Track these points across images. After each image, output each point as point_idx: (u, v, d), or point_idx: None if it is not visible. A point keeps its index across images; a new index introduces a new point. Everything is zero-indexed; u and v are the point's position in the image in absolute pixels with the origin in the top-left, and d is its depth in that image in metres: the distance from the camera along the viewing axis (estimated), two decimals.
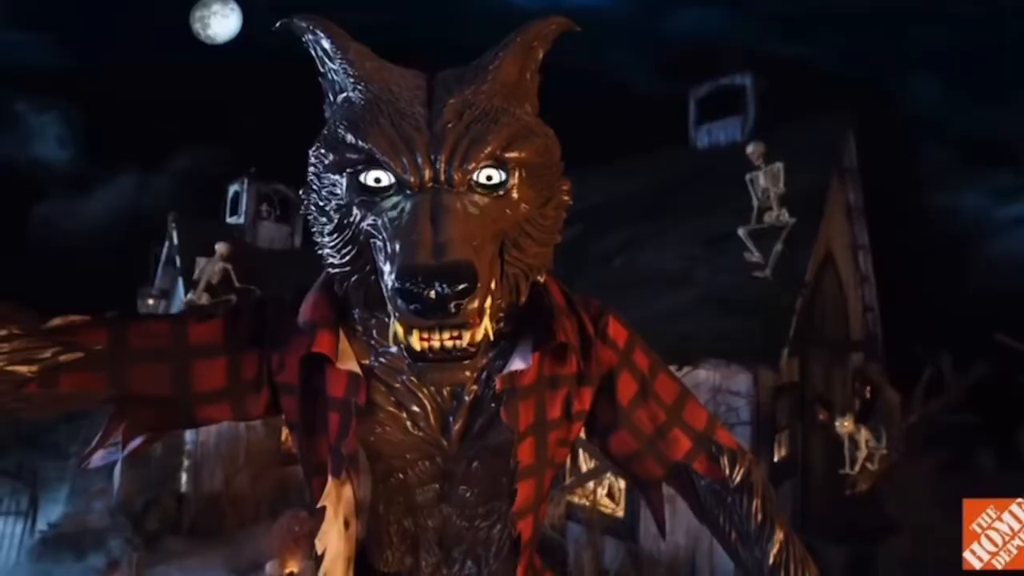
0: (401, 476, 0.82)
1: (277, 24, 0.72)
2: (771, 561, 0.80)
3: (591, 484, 4.91)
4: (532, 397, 0.76)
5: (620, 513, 4.87)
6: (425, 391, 0.77)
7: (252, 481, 5.85)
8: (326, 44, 0.70)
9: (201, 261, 6.71)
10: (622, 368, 0.84)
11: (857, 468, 4.11)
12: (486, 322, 0.62)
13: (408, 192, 0.62)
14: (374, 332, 0.75)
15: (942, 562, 3.33)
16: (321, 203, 0.69)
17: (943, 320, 8.34)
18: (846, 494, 4.28)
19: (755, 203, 5.02)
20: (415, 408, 0.77)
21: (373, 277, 0.65)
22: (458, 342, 0.60)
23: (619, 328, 0.85)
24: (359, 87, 0.67)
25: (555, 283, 0.82)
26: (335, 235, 0.68)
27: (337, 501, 0.77)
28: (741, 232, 4.93)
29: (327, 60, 0.70)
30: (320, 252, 0.71)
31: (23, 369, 0.66)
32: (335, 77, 0.70)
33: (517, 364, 0.75)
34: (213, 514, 5.55)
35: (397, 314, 0.58)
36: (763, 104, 7.08)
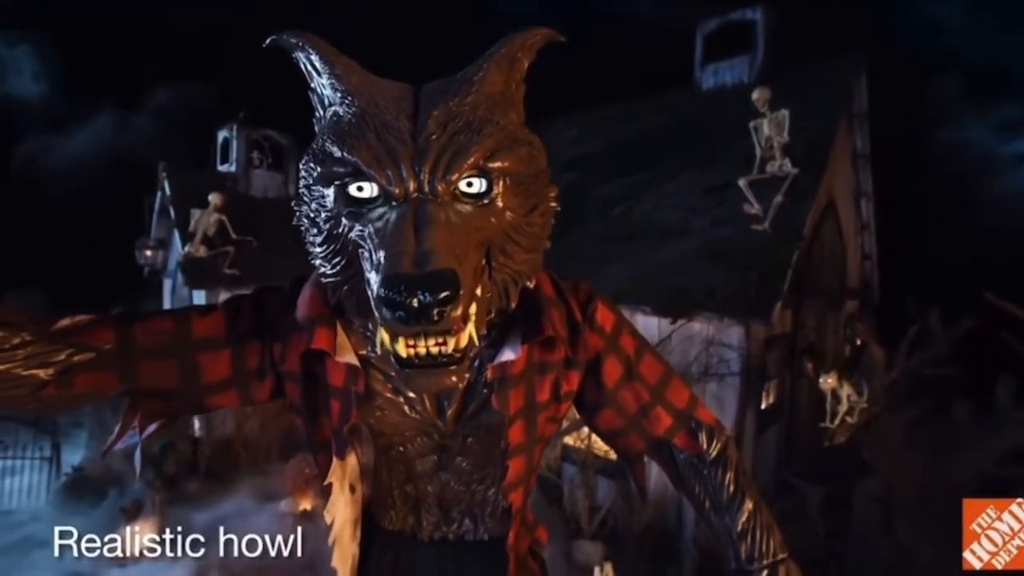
0: (401, 449, 0.88)
1: (267, 41, 0.72)
2: (739, 528, 0.86)
3: (585, 429, 5.13)
4: (522, 384, 0.80)
5: (612, 455, 5.12)
6: None
7: (262, 426, 6.10)
8: (315, 59, 0.70)
9: (196, 212, 6.63)
10: (608, 352, 0.87)
11: (837, 422, 4.29)
12: (471, 328, 0.63)
13: (393, 203, 0.64)
14: (369, 325, 0.78)
15: (911, 500, 3.57)
16: (312, 215, 0.71)
17: (941, 265, 8.34)
18: (824, 446, 4.48)
19: (758, 152, 4.89)
20: (411, 394, 0.82)
21: (363, 286, 0.66)
22: (443, 348, 0.62)
23: (607, 313, 0.88)
24: (346, 100, 0.68)
25: (544, 273, 0.84)
26: (325, 246, 0.70)
27: (343, 476, 0.84)
28: (742, 183, 4.84)
29: (316, 75, 0.71)
30: (313, 261, 0.73)
31: (40, 373, 0.69)
32: (323, 91, 0.70)
33: (507, 355, 0.78)
34: (227, 457, 5.83)
35: (382, 321, 0.60)
36: (773, 40, 6.71)
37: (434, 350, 0.62)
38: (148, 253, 7.66)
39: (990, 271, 7.57)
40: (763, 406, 4.71)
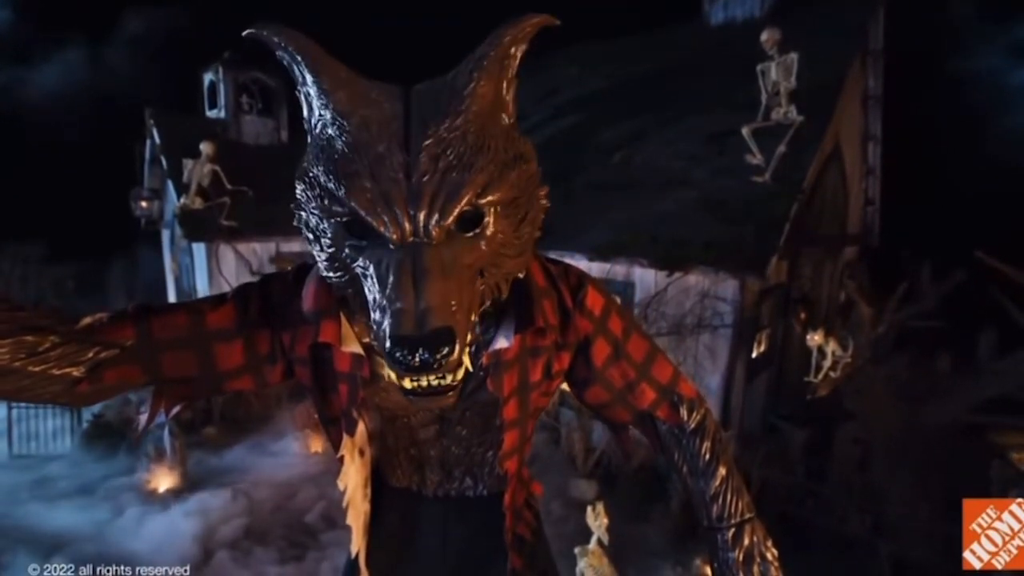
0: (405, 420, 0.96)
1: (244, 33, 0.71)
2: (712, 491, 0.96)
3: None
4: (515, 367, 0.86)
5: None
6: None
7: None
8: (300, 68, 0.69)
9: (188, 162, 6.50)
10: (597, 334, 0.92)
11: (820, 376, 4.42)
12: (465, 360, 0.69)
13: (391, 247, 0.66)
14: (373, 317, 0.84)
15: (886, 442, 3.78)
16: (314, 232, 0.73)
17: (944, 210, 8.21)
18: (807, 399, 4.64)
19: (763, 98, 4.72)
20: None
21: (365, 289, 0.70)
22: (443, 381, 0.69)
23: (596, 297, 0.92)
24: (336, 122, 0.67)
25: (536, 261, 0.88)
26: (328, 263, 0.73)
27: (353, 447, 0.92)
28: (745, 131, 4.70)
29: (302, 81, 0.70)
30: (317, 264, 0.76)
31: (73, 371, 0.74)
32: (312, 102, 0.70)
33: (501, 343, 0.83)
34: (239, 404, 6.07)
35: (390, 367, 0.66)
36: None
37: (434, 383, 0.69)
38: (144, 204, 7.57)
39: (994, 214, 7.48)
40: (754, 354, 4.84)
